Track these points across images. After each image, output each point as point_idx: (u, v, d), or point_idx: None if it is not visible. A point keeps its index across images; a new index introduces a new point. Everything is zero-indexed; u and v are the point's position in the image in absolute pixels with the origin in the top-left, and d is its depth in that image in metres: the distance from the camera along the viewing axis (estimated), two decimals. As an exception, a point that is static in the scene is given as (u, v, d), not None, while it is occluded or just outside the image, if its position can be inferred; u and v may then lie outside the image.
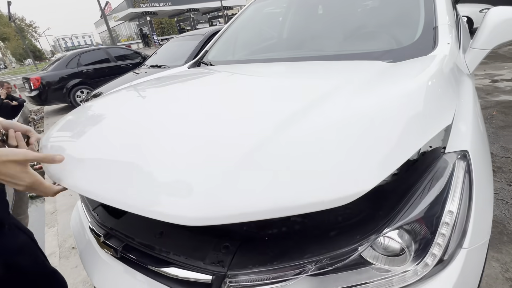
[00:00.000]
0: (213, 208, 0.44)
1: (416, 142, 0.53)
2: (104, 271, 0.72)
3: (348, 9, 1.35)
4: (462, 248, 0.53)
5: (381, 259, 0.52)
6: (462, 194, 0.54)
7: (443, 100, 0.68)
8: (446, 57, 0.82)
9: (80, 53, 6.88)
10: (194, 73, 1.33)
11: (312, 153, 0.49)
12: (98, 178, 0.58)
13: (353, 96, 0.66)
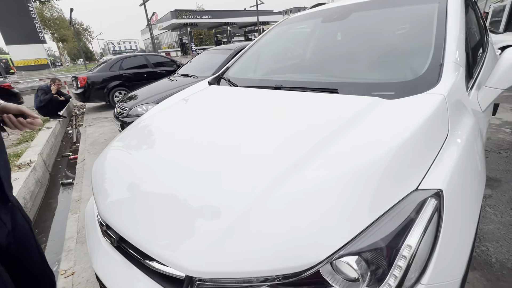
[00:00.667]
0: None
1: (383, 206, 0.58)
2: (103, 258, 0.82)
3: (361, 39, 1.40)
4: (420, 283, 0.55)
5: (340, 282, 0.56)
6: (425, 231, 0.56)
7: (425, 149, 0.70)
8: (445, 97, 0.84)
9: (123, 58, 7.55)
10: (211, 95, 1.44)
11: (296, 217, 0.58)
12: (126, 213, 0.75)
13: (334, 157, 0.70)
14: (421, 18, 1.25)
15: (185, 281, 0.59)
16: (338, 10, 1.66)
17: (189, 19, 36.83)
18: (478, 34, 1.68)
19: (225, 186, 0.70)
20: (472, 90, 1.15)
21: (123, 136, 1.29)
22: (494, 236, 1.73)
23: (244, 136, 0.93)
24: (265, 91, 1.29)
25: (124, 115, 3.72)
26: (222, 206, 0.64)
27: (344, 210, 0.57)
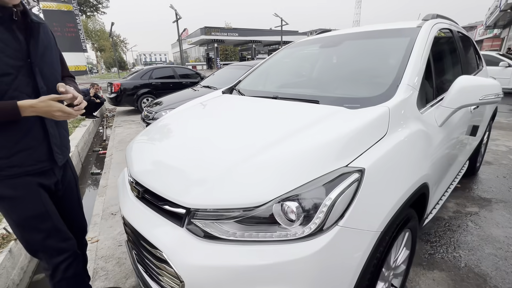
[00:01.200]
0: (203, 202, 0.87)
1: (318, 172, 0.87)
2: (130, 206, 1.16)
3: (345, 63, 1.71)
4: (337, 225, 0.82)
5: (284, 221, 0.84)
6: (343, 192, 0.83)
7: (362, 141, 0.98)
8: (389, 108, 1.11)
9: (154, 68, 8.32)
10: (222, 101, 1.80)
11: (259, 174, 0.88)
12: (146, 169, 1.10)
13: (300, 138, 1.01)
14: (393, 49, 1.54)
15: (186, 212, 0.90)
16: (334, 38, 1.99)
17: (217, 35, 38.91)
18: (458, 66, 1.93)
19: (217, 155, 1.02)
20: (431, 108, 1.41)
21: (146, 131, 1.65)
22: (469, 246, 1.88)
23: (240, 127, 1.26)
24: (264, 100, 1.61)
25: (150, 117, 4.20)
26: (212, 168, 0.96)
27: (291, 173, 0.86)
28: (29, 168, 1.04)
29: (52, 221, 1.12)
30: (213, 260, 0.84)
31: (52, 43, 1.13)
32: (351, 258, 0.85)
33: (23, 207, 1.05)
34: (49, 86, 1.04)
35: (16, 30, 0.96)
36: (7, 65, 0.92)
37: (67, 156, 1.21)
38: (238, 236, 0.85)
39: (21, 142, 1.00)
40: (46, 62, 1.06)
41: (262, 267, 0.80)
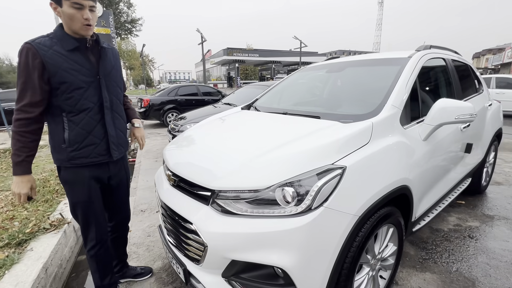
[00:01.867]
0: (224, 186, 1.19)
1: (309, 167, 1.15)
2: (166, 192, 1.50)
3: (345, 86, 2.03)
4: (323, 206, 1.10)
5: (283, 203, 1.13)
6: (327, 182, 1.12)
7: (347, 146, 1.26)
8: (372, 123, 1.40)
9: (179, 86, 9.06)
10: (240, 116, 2.17)
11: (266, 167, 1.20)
12: (181, 164, 1.45)
13: (299, 143, 1.31)
14: (385, 75, 1.84)
15: (211, 193, 1.22)
16: (338, 64, 2.32)
17: (238, 56, 40.76)
18: (449, 90, 2.17)
19: (235, 153, 1.36)
20: (416, 125, 1.67)
21: (177, 138, 2.02)
22: (463, 254, 2.02)
23: (254, 134, 1.61)
24: (276, 115, 1.95)
25: (176, 130, 4.67)
26: (231, 162, 1.29)
27: (289, 166, 1.15)
28: (93, 159, 1.36)
29: (92, 210, 1.41)
30: (229, 229, 1.14)
31: (118, 64, 1.48)
32: (334, 232, 1.12)
33: (75, 193, 1.38)
34: (111, 97, 1.38)
35: (89, 54, 1.31)
36: (82, 81, 1.26)
37: (122, 153, 1.50)
38: (248, 212, 1.15)
39: (87, 139, 1.31)
40: (112, 79, 1.39)
41: (265, 234, 1.09)
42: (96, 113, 1.32)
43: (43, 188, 2.97)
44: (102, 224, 1.48)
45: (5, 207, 2.56)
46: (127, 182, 1.64)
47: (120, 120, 1.47)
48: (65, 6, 1.16)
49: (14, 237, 1.93)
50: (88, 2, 1.19)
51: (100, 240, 1.48)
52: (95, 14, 1.26)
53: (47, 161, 4.39)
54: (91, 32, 1.27)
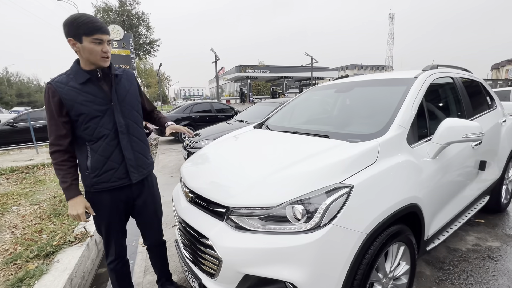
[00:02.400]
0: (238, 203, 1.28)
1: (318, 185, 1.22)
2: (184, 208, 1.60)
3: (352, 105, 2.10)
4: (331, 223, 1.16)
5: (293, 219, 1.20)
6: (335, 200, 1.18)
7: (354, 165, 1.32)
8: (379, 143, 1.46)
9: (194, 103, 9.42)
10: (253, 134, 2.28)
11: (276, 185, 1.28)
12: (198, 182, 1.55)
13: (309, 162, 1.39)
14: (391, 95, 1.90)
15: (226, 210, 1.31)
16: (347, 84, 2.42)
17: (250, 73, 41.75)
18: (458, 107, 2.20)
19: (248, 171, 1.45)
20: (424, 144, 1.71)
21: (194, 156, 2.15)
22: (482, 276, 1.97)
23: (266, 153, 1.70)
24: (286, 134, 2.04)
25: (191, 146, 4.85)
26: (244, 180, 1.38)
27: (299, 185, 1.23)
28: (113, 183, 1.41)
29: (113, 229, 1.51)
30: (243, 244, 1.21)
31: (133, 88, 1.49)
32: (342, 249, 1.16)
33: (98, 214, 1.47)
34: (127, 121, 1.42)
35: (102, 83, 1.36)
36: (96, 110, 1.33)
37: (143, 175, 1.52)
38: (260, 228, 1.22)
39: (106, 164, 1.38)
40: (126, 103, 1.43)
41: (276, 249, 1.15)
42: (112, 139, 1.38)
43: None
44: (121, 242, 1.58)
45: (33, 220, 2.75)
46: (154, 202, 1.64)
47: (138, 143, 1.50)
48: (86, 42, 1.25)
49: (43, 249, 2.07)
50: (107, 37, 1.29)
51: (118, 256, 1.58)
52: (110, 47, 1.35)
53: (71, 176, 4.65)
54: (108, 63, 1.35)
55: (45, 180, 4.46)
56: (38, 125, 8.69)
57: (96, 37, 1.25)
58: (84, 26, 1.23)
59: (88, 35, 1.24)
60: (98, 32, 1.26)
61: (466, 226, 2.68)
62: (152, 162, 1.63)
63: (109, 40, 1.32)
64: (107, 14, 27.23)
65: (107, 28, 1.31)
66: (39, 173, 4.98)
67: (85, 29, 1.23)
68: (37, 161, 5.98)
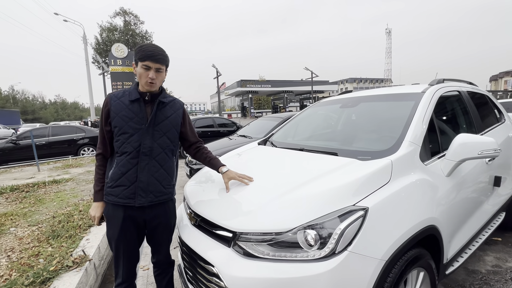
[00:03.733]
0: (246, 227, 1.20)
1: (332, 208, 1.15)
2: (188, 232, 1.51)
3: (360, 122, 2.05)
4: (346, 250, 1.07)
5: (305, 245, 1.12)
6: (350, 224, 1.10)
7: (367, 186, 1.25)
8: (391, 161, 1.40)
9: (196, 119, 9.44)
10: (258, 151, 2.23)
11: (286, 208, 1.21)
12: (203, 204, 1.48)
13: (319, 183, 1.33)
14: (400, 110, 1.86)
15: (233, 235, 1.23)
16: (352, 99, 2.38)
17: (251, 87, 42.39)
18: (467, 121, 2.15)
19: (256, 194, 1.38)
20: (437, 160, 1.64)
21: (197, 175, 2.09)
22: None
23: (273, 173, 1.64)
24: (293, 151, 1.98)
25: (193, 162, 4.78)
26: (252, 203, 1.31)
27: (311, 208, 1.16)
28: (120, 200, 1.42)
29: (123, 248, 1.45)
30: (252, 274, 1.12)
31: (175, 116, 1.52)
32: (360, 278, 1.07)
33: (109, 228, 1.46)
34: (154, 144, 1.43)
35: (148, 106, 1.45)
36: (130, 127, 1.40)
37: (151, 201, 1.44)
38: (270, 255, 1.14)
39: (120, 179, 1.40)
40: (160, 129, 1.46)
41: (288, 279, 1.06)
42: (133, 157, 1.41)
43: (67, 223, 3.06)
44: (131, 264, 1.51)
45: (31, 243, 2.65)
46: (166, 228, 1.58)
47: (159, 168, 1.46)
48: (138, 67, 1.40)
49: (38, 275, 1.97)
50: (155, 65, 1.39)
51: (126, 279, 1.50)
52: (162, 74, 1.44)
53: (71, 195, 4.58)
54: (153, 88, 1.45)
55: (45, 199, 4.38)
56: (41, 142, 8.72)
57: (145, 63, 1.38)
58: (139, 53, 1.38)
59: (140, 60, 1.39)
60: (148, 59, 1.37)
61: (483, 246, 2.54)
62: (170, 192, 1.54)
63: (158, 68, 1.40)
64: (112, 33, 28.10)
65: (160, 58, 1.40)
66: (39, 192, 4.90)
67: (140, 56, 1.38)
68: (38, 179, 5.92)
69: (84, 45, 23.55)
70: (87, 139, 9.36)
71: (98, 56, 27.41)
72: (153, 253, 1.65)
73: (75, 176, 6.15)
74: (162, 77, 1.45)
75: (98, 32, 28.21)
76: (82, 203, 3.93)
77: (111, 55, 18.63)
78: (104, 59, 25.34)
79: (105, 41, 27.76)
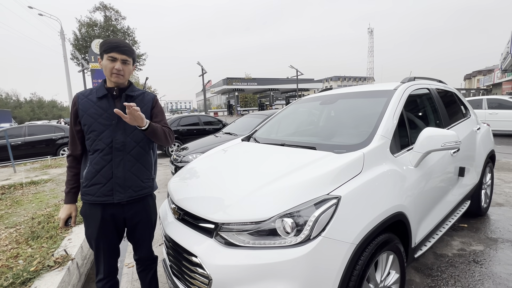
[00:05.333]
0: (227, 218, 1.26)
1: (306, 197, 1.23)
2: (172, 226, 1.55)
3: (337, 117, 2.16)
4: (321, 235, 1.16)
5: (283, 233, 1.19)
6: (324, 212, 1.19)
7: (340, 176, 1.35)
8: (363, 153, 1.50)
9: (182, 117, 9.35)
10: (241, 147, 2.29)
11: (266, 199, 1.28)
12: (186, 198, 1.52)
13: (297, 175, 1.40)
14: (373, 106, 1.98)
15: (215, 226, 1.29)
16: (331, 96, 2.49)
17: (237, 85, 42.19)
18: (435, 117, 2.31)
19: (237, 187, 1.44)
20: (406, 153, 1.77)
21: (181, 171, 2.13)
22: (468, 280, 2.02)
23: (254, 166, 1.70)
24: (274, 146, 2.06)
25: (178, 160, 4.77)
26: (233, 195, 1.37)
27: (287, 198, 1.24)
28: (97, 198, 1.39)
29: (102, 246, 1.46)
30: (233, 261, 1.19)
31: (144, 109, 1.47)
32: (333, 261, 1.16)
33: (87, 227, 1.47)
34: (127, 139, 1.41)
35: (117, 101, 1.43)
36: (100, 123, 1.39)
37: (130, 197, 1.44)
38: (251, 243, 1.20)
39: (95, 178, 1.39)
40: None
41: (267, 265, 1.14)
42: (106, 153, 1.40)
43: (47, 224, 2.99)
44: (111, 261, 1.52)
45: (9, 245, 2.57)
46: (147, 224, 1.57)
47: (135, 163, 1.46)
48: (104, 59, 1.40)
49: (18, 276, 1.94)
50: (121, 56, 1.39)
51: (107, 275, 1.51)
52: (129, 67, 1.43)
53: (51, 195, 4.44)
54: (121, 80, 1.43)
55: (22, 200, 4.23)
56: (17, 142, 8.33)
57: (111, 55, 1.38)
58: (104, 46, 1.38)
59: (105, 53, 1.38)
60: (113, 51, 1.37)
61: (451, 231, 2.75)
62: (149, 186, 1.55)
63: (124, 60, 1.40)
64: (91, 29, 27.03)
65: (126, 49, 1.40)
66: (16, 194, 4.71)
67: (105, 48, 1.38)
68: (14, 181, 5.68)
69: (62, 40, 22.51)
70: (66, 139, 9.04)
71: (77, 52, 26.32)
72: (135, 250, 1.65)
73: (54, 177, 5.95)
74: (129, 70, 1.43)
75: (77, 27, 27.05)
76: (63, 204, 3.83)
77: (91, 52, 17.94)
78: (83, 56, 24.39)
79: (85, 36, 26.67)
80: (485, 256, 2.29)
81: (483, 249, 2.42)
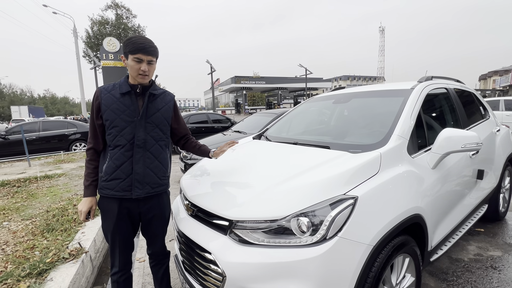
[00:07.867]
0: (242, 216, 1.25)
1: (323, 197, 1.21)
2: (185, 223, 1.56)
3: (352, 116, 2.13)
4: (337, 236, 1.14)
5: (298, 232, 1.18)
6: (340, 212, 1.17)
7: (357, 176, 1.32)
8: (380, 153, 1.47)
9: (191, 114, 9.42)
10: (253, 145, 2.28)
11: (281, 197, 1.27)
12: (200, 195, 1.53)
13: (311, 174, 1.39)
14: (390, 106, 1.93)
15: (229, 223, 1.28)
16: (345, 95, 2.45)
17: (246, 84, 42.21)
18: (454, 117, 2.24)
19: (251, 185, 1.43)
20: (424, 154, 1.72)
21: (192, 169, 2.13)
22: (486, 287, 1.94)
23: (267, 165, 1.69)
24: (287, 145, 2.04)
25: (188, 158, 4.81)
26: (247, 193, 1.36)
27: (303, 197, 1.22)
28: (116, 193, 1.44)
29: (118, 240, 1.49)
30: (247, 259, 1.18)
31: (166, 108, 1.54)
32: (349, 262, 1.14)
33: (104, 221, 1.50)
34: (147, 137, 1.45)
35: (139, 98, 1.46)
36: (122, 120, 1.41)
37: (148, 193, 1.47)
38: (265, 242, 1.20)
39: (115, 172, 1.42)
40: (152, 121, 1.48)
41: (281, 263, 1.13)
42: (127, 150, 1.42)
43: (62, 217, 3.06)
44: (126, 254, 1.55)
45: (25, 236, 2.65)
46: (161, 219, 1.60)
47: (153, 160, 1.49)
48: (129, 59, 1.40)
49: (35, 266, 1.99)
50: (147, 57, 1.40)
51: (122, 268, 1.54)
52: (153, 66, 1.45)
53: (64, 189, 4.55)
54: (145, 80, 1.45)
55: (37, 194, 4.35)
56: (31, 137, 8.56)
57: (136, 56, 1.38)
58: (130, 46, 1.37)
59: (131, 53, 1.38)
60: (139, 52, 1.37)
61: (466, 236, 2.67)
62: (165, 183, 1.58)
63: (150, 61, 1.41)
64: (103, 27, 27.51)
65: (152, 50, 1.40)
66: (31, 187, 4.85)
67: (130, 48, 1.38)
68: (29, 174, 5.84)
69: (75, 38, 23.00)
70: (78, 134, 9.24)
71: (89, 50, 26.83)
72: (149, 245, 1.67)
73: (67, 171, 6.09)
74: (154, 69, 1.46)
75: (89, 25, 27.59)
76: (76, 198, 3.92)
77: (102, 49, 18.27)
78: (95, 53, 24.84)
79: (96, 34, 27.18)
80: (504, 262, 2.22)
81: (501, 254, 2.34)
